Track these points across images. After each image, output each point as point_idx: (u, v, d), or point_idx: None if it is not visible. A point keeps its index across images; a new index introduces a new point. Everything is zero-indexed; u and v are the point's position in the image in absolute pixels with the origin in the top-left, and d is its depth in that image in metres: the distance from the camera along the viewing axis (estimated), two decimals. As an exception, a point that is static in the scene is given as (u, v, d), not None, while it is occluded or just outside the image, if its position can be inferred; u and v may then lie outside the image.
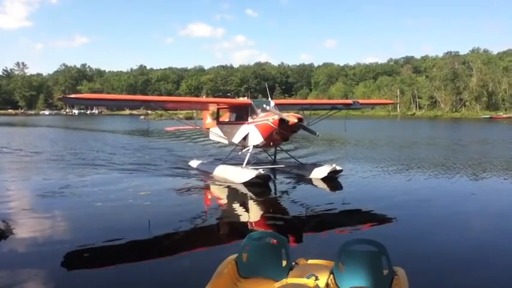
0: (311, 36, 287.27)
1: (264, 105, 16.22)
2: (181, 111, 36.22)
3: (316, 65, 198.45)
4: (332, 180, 15.75)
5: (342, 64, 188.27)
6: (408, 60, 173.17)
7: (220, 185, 15.43)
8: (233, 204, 13.17)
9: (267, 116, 15.39)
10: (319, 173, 16.10)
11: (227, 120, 18.69)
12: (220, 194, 14.78)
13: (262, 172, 14.66)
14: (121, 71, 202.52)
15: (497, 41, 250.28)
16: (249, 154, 16.41)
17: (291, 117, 14.55)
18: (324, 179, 15.74)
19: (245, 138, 16.57)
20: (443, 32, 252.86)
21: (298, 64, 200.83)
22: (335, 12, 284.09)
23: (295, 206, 12.68)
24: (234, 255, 5.26)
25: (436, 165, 20.62)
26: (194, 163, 19.44)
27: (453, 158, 23.46)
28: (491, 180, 17.03)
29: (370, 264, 4.87)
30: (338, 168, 16.09)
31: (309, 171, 16.60)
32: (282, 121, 14.60)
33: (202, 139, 30.37)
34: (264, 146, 17.17)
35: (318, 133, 15.22)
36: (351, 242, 5.06)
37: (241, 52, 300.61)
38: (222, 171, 16.66)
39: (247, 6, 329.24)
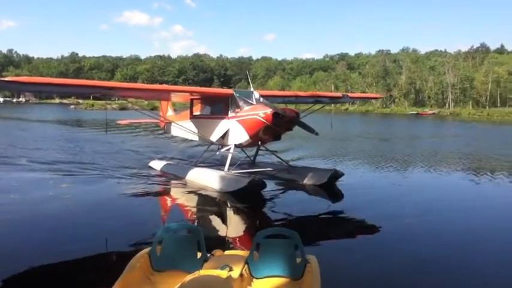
0: (250, 30, 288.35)
1: (249, 96, 13.53)
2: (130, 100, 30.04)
3: (255, 58, 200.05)
4: (330, 186, 13.49)
5: (280, 58, 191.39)
6: (343, 56, 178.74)
7: (194, 191, 12.97)
8: (210, 216, 10.77)
9: (256, 109, 12.73)
10: (316, 179, 13.73)
11: (199, 113, 15.58)
12: (194, 202, 12.18)
13: (256, 179, 12.09)
14: (51, 58, 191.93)
15: (425, 42, 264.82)
16: (230, 155, 13.71)
17: (288, 111, 12.39)
18: (322, 186, 13.46)
19: (224, 135, 13.91)
20: (377, 31, 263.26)
21: (237, 57, 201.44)
22: (275, 7, 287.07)
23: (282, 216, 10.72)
24: (148, 249, 5.11)
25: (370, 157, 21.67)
26: (157, 164, 16.54)
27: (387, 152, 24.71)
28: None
29: (283, 253, 4.91)
30: (340, 171, 13.90)
31: (301, 176, 14.19)
32: (276, 115, 12.00)
33: (162, 134, 25.87)
34: (249, 145, 14.46)
35: (316, 131, 12.99)
36: (266, 232, 5.07)
37: (180, 43, 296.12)
38: (198, 176, 13.89)
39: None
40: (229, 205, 11.60)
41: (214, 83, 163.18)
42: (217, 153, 15.34)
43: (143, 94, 16.66)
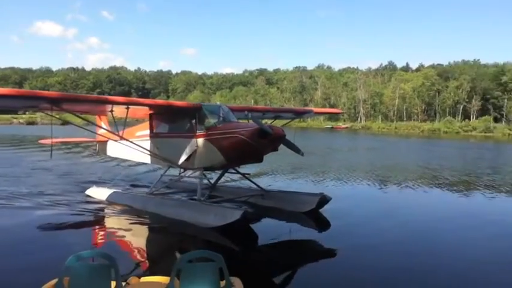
0: (169, 43, 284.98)
1: (218, 111, 11.80)
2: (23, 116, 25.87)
3: (174, 72, 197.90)
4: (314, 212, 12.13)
5: (200, 73, 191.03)
6: (262, 72, 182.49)
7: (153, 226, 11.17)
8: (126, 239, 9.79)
9: (235, 127, 10.92)
10: (301, 204, 12.20)
11: (159, 131, 13.14)
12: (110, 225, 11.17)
13: (249, 210, 10.65)
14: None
15: (339, 59, 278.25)
16: (199, 181, 12.00)
17: (275, 129, 10.68)
18: (308, 212, 12.04)
19: (189, 157, 11.68)
20: (294, 48, 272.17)
21: (155, 70, 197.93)
22: (195, 22, 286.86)
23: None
24: (54, 281, 4.63)
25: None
26: (97, 192, 13.98)
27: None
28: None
29: (206, 277, 4.64)
30: (328, 196, 12.35)
31: (281, 202, 12.69)
32: (262, 133, 10.28)
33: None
34: (221, 168, 12.65)
35: (302, 152, 11.73)
36: (187, 256, 4.78)
37: (95, 55, 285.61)
38: (169, 209, 11.61)
39: (103, 8, 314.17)
40: (150, 226, 11.04)
41: (132, 96, 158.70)
42: (185, 177, 13.15)
43: (93, 108, 12.32)
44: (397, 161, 30.47)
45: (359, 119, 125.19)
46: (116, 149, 15.14)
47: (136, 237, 10.20)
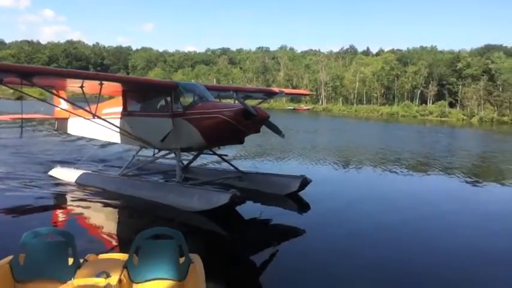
0: (128, 18, 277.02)
1: (194, 89, 11.42)
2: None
3: (134, 48, 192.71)
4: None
5: (161, 50, 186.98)
6: (225, 51, 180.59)
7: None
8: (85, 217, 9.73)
9: (217, 107, 10.64)
10: (281, 187, 11.98)
11: (132, 109, 12.22)
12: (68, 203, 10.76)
13: (238, 193, 9.91)
14: None
15: (301, 41, 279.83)
16: (178, 163, 11.42)
17: (259, 110, 10.31)
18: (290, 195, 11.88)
19: (165, 137, 11.21)
20: (257, 28, 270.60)
21: (115, 46, 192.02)
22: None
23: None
24: (8, 258, 4.46)
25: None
26: (63, 173, 13.21)
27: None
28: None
29: (165, 254, 4.62)
30: (309, 178, 12.07)
31: (261, 184, 12.34)
32: (246, 114, 9.90)
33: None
34: (200, 149, 12.30)
35: (283, 133, 11.16)
36: (146, 233, 4.69)
37: (51, 28, 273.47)
38: (146, 191, 11.10)
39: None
40: (111, 204, 10.73)
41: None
42: (157, 157, 12.59)
43: (64, 82, 11.21)
44: (360, 143, 31.16)
45: (320, 101, 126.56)
46: (79, 127, 14.29)
47: (102, 218, 9.98)
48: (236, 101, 10.67)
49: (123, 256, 4.76)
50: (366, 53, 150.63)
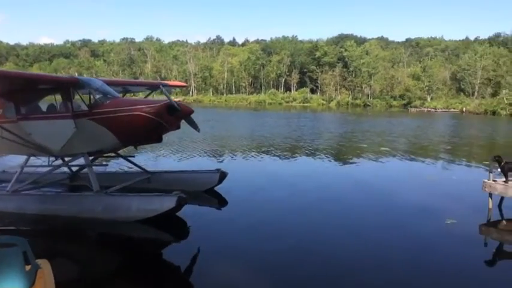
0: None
1: (93, 84, 10.11)
2: None
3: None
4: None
5: (12, 43, 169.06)
6: (86, 43, 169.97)
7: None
8: None
9: (133, 103, 9.69)
10: (198, 183, 11.54)
11: (25, 111, 10.43)
12: None
13: (183, 196, 9.06)
14: None
15: (168, 32, 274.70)
16: (89, 169, 10.12)
17: (183, 105, 9.68)
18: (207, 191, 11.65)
19: (68, 142, 9.85)
20: (119, 18, 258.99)
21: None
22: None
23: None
24: None
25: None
26: None
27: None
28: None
29: (9, 263, 4.34)
30: (225, 171, 11.95)
31: (174, 182, 11.41)
32: (171, 109, 9.27)
33: None
34: (114, 150, 11.20)
35: (199, 128, 10.39)
36: None
37: None
38: (71, 205, 9.76)
39: None
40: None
41: None
42: (55, 167, 11.04)
43: None
44: (234, 132, 32.39)
45: (191, 93, 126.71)
46: None
47: None
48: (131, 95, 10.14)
49: None
50: (232, 43, 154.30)
